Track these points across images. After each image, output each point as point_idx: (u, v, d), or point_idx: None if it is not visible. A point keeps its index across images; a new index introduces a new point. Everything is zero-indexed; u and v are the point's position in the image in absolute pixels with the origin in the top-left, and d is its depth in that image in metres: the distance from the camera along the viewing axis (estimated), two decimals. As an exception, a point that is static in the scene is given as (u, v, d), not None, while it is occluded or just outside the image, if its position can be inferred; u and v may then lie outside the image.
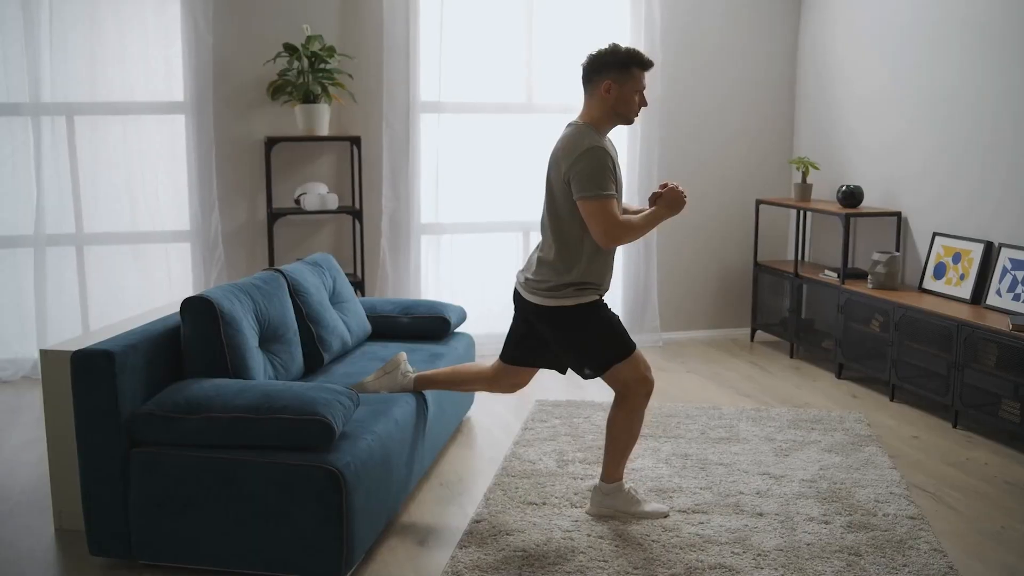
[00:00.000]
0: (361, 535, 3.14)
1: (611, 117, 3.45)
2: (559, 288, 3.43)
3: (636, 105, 3.45)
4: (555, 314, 3.45)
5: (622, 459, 3.61)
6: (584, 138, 3.37)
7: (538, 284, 3.47)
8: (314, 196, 5.71)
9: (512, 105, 6.27)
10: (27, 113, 5.48)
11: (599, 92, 3.42)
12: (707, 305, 6.80)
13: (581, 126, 3.43)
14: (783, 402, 5.18)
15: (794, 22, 6.61)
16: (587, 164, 3.31)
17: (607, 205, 3.31)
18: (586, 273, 3.43)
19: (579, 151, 3.33)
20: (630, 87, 3.41)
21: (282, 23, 5.77)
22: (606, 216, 3.31)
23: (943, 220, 5.37)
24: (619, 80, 3.40)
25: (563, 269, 3.43)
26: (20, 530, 3.56)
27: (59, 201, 5.65)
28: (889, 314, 5.17)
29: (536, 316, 3.52)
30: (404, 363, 3.92)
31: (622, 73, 3.40)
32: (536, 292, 3.48)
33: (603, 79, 3.41)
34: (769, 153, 6.73)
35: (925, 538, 3.44)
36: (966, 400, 4.66)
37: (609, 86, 3.40)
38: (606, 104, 3.42)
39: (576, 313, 3.43)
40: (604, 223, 3.31)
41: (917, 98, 5.53)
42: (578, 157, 3.32)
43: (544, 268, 3.47)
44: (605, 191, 3.30)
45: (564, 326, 3.47)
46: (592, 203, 3.30)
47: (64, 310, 5.73)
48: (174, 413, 3.12)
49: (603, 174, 3.31)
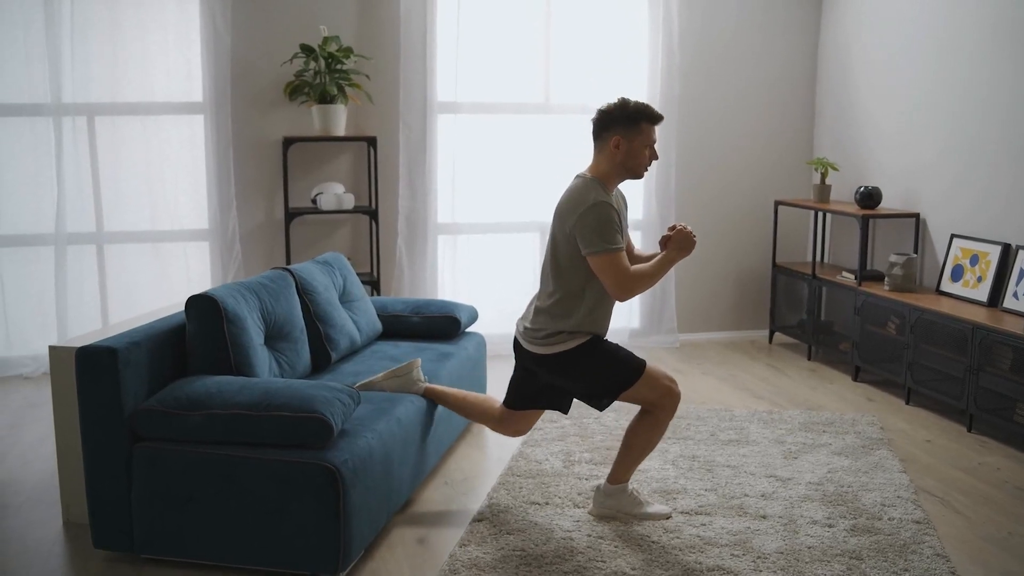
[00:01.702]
0: (359, 532, 3.17)
1: (620, 172, 3.45)
2: (554, 335, 3.45)
3: (646, 159, 3.45)
4: (554, 361, 3.47)
5: (634, 466, 3.61)
6: (590, 192, 3.37)
7: (535, 333, 3.49)
8: (330, 196, 5.75)
9: (529, 105, 6.27)
10: (49, 113, 5.58)
11: (608, 148, 3.42)
12: (725, 307, 6.76)
13: (588, 180, 3.44)
14: (797, 405, 5.14)
15: (815, 22, 6.56)
16: (593, 219, 3.31)
17: (616, 258, 3.31)
18: (584, 323, 3.44)
19: (584, 206, 3.33)
20: (640, 142, 3.41)
21: (299, 24, 5.82)
22: (617, 270, 3.31)
23: (961, 221, 5.31)
24: (628, 136, 3.39)
25: (560, 316, 3.44)
26: (30, 523, 3.62)
27: (80, 200, 5.74)
28: (905, 316, 5.12)
29: (536, 364, 3.54)
30: (417, 371, 3.92)
31: (631, 129, 3.39)
32: (534, 341, 3.50)
33: (612, 135, 3.40)
34: (788, 154, 6.68)
35: (929, 543, 3.40)
36: (981, 404, 4.60)
37: (618, 142, 3.39)
38: (615, 160, 3.41)
39: (574, 355, 3.45)
40: (615, 276, 3.32)
41: (937, 99, 5.47)
42: (584, 212, 3.33)
43: (541, 316, 3.49)
44: (613, 245, 3.31)
45: (566, 370, 3.48)
46: (601, 258, 3.31)
47: (84, 308, 5.82)
48: (176, 409, 3.16)
49: (609, 228, 3.31)
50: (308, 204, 5.90)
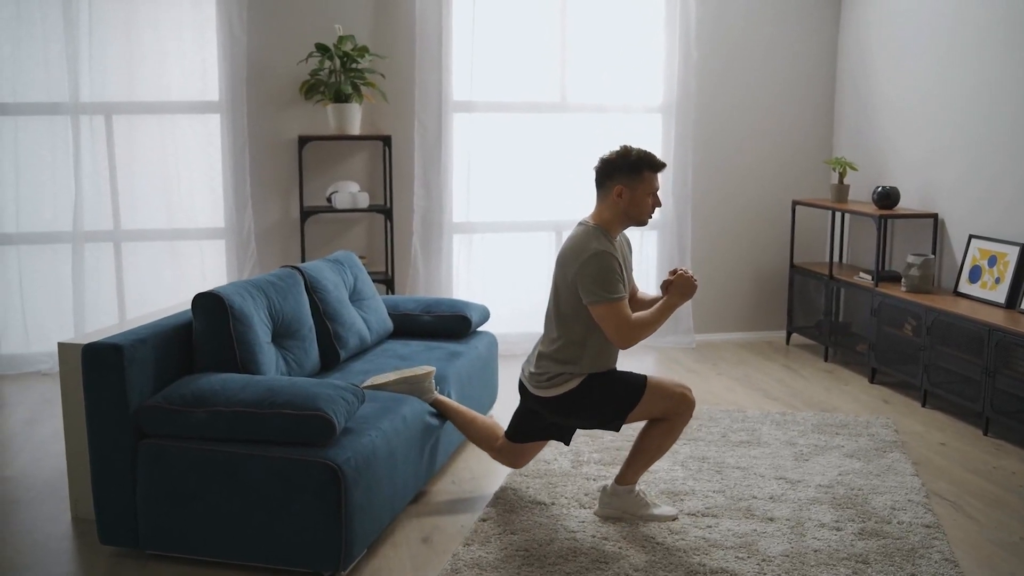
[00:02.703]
0: (362, 530, 3.17)
1: (623, 220, 3.44)
2: (557, 376, 3.46)
3: (649, 207, 3.44)
4: (559, 402, 3.49)
5: (643, 469, 3.60)
6: (592, 241, 3.36)
7: (539, 377, 3.50)
8: (345, 195, 5.76)
9: (545, 104, 6.25)
10: (67, 112, 5.63)
11: (611, 196, 3.41)
12: (742, 307, 6.71)
13: (591, 228, 3.43)
14: (811, 406, 5.09)
15: (834, 19, 6.50)
16: (594, 269, 3.31)
17: (617, 308, 3.31)
18: (588, 366, 3.45)
19: (586, 254, 3.33)
20: (642, 190, 3.40)
21: (315, 23, 5.83)
22: (618, 319, 3.31)
23: (980, 222, 5.24)
24: (631, 184, 3.39)
25: (564, 360, 3.45)
26: (40, 518, 3.66)
27: (97, 198, 5.79)
28: (921, 318, 5.06)
29: (542, 406, 3.55)
30: (430, 381, 3.89)
31: (633, 177, 3.39)
32: (539, 386, 3.51)
33: (615, 184, 3.40)
34: (807, 153, 6.62)
35: (938, 547, 3.35)
36: (997, 407, 4.54)
37: (621, 191, 3.39)
38: (618, 208, 3.41)
39: (578, 394, 3.45)
40: (617, 326, 3.32)
41: (957, 99, 5.40)
42: (585, 261, 3.33)
43: (545, 361, 3.49)
44: (614, 294, 3.31)
45: (571, 410, 3.50)
46: (602, 307, 3.31)
47: (101, 305, 5.87)
48: (180, 406, 3.18)
49: (610, 278, 3.31)
50: (323, 203, 5.92)
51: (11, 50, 5.56)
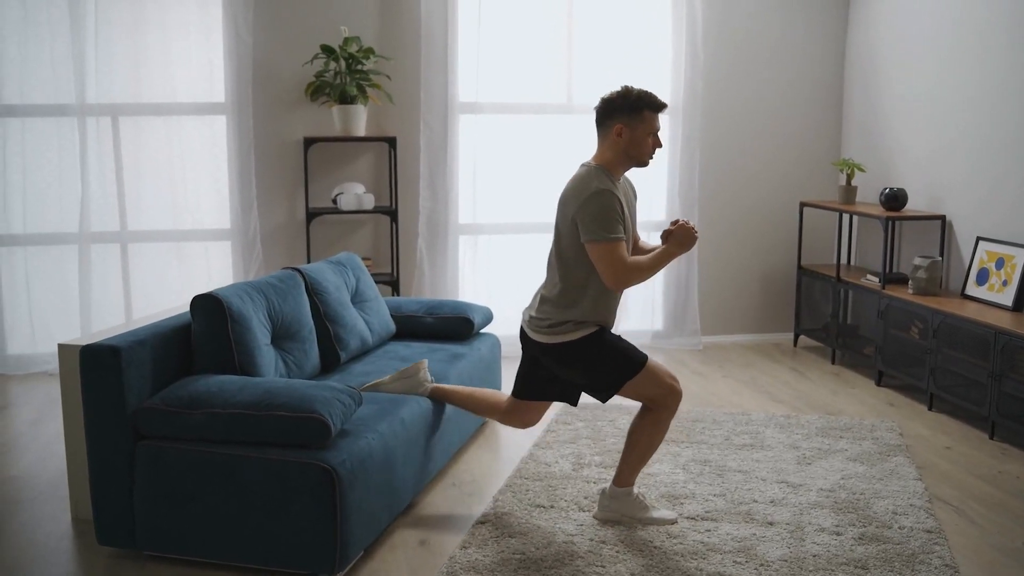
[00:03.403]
0: (358, 532, 3.16)
1: (624, 160, 3.42)
2: (560, 324, 3.43)
3: (649, 147, 3.42)
4: (559, 350, 3.45)
5: (638, 467, 3.58)
6: (593, 180, 3.34)
7: (540, 322, 3.48)
8: (350, 196, 5.77)
9: (551, 106, 6.24)
10: (73, 114, 5.66)
11: (611, 136, 3.40)
12: (750, 309, 6.68)
13: (592, 168, 3.41)
14: (816, 409, 5.06)
15: (843, 20, 6.46)
16: (595, 207, 3.29)
17: (614, 248, 3.28)
18: (589, 313, 3.42)
19: (587, 194, 3.31)
20: (642, 130, 3.38)
21: (321, 25, 5.84)
22: (614, 259, 3.29)
23: (988, 224, 5.19)
24: (630, 124, 3.37)
25: (565, 306, 3.42)
26: (40, 518, 3.67)
27: (104, 200, 5.82)
28: (928, 321, 5.02)
29: (542, 353, 3.52)
30: (424, 371, 3.92)
31: (633, 116, 3.37)
32: (539, 330, 3.48)
33: (615, 123, 3.38)
34: (815, 154, 6.59)
35: (938, 552, 3.32)
36: (1003, 411, 4.50)
37: (620, 130, 3.37)
38: (618, 147, 3.39)
39: (579, 346, 3.42)
40: (612, 266, 3.29)
41: (966, 100, 5.36)
42: (586, 200, 3.31)
43: (546, 306, 3.47)
44: (612, 234, 3.28)
45: (570, 360, 3.46)
46: (599, 246, 3.29)
47: (108, 306, 5.90)
48: (177, 408, 3.18)
49: (610, 217, 3.28)
50: (329, 204, 5.93)
51: (18, 52, 5.59)
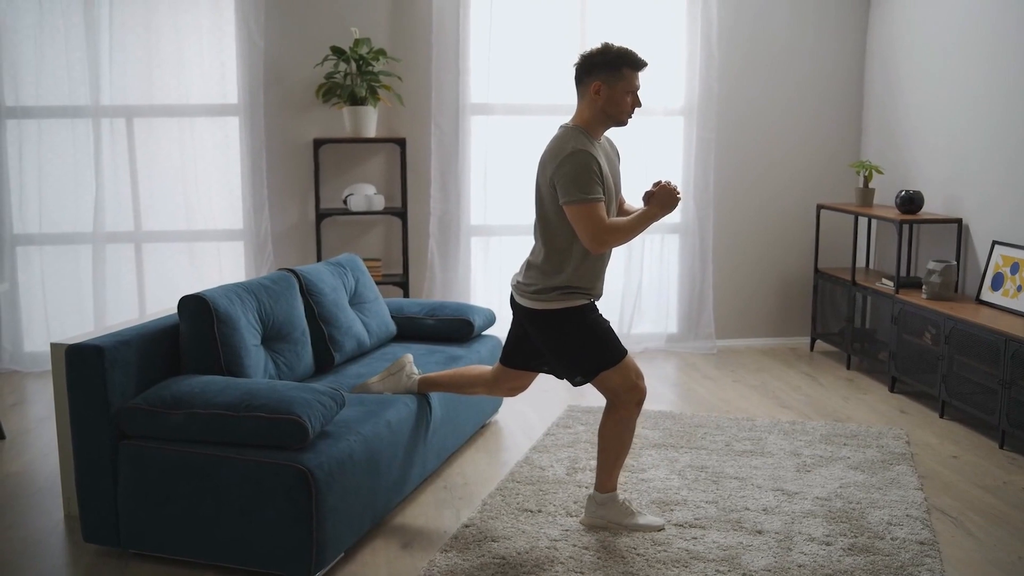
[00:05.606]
0: (336, 535, 3.16)
1: (602, 119, 3.36)
2: (546, 291, 3.37)
3: (628, 106, 3.35)
4: (543, 317, 3.41)
5: (614, 469, 3.53)
6: (570, 141, 3.29)
7: (527, 287, 3.43)
8: (361, 197, 5.78)
9: (564, 107, 6.17)
10: (88, 115, 5.73)
11: (589, 94, 3.34)
12: (765, 313, 6.59)
13: (570, 128, 3.36)
14: (824, 415, 4.97)
15: (862, 20, 6.35)
16: (571, 168, 3.23)
17: (592, 209, 3.23)
18: (574, 278, 3.36)
19: (563, 154, 3.26)
20: (621, 88, 3.32)
21: (332, 27, 5.86)
22: (592, 220, 3.23)
23: (1005, 228, 5.07)
24: (609, 81, 3.31)
25: (551, 272, 3.37)
26: (35, 514, 3.72)
27: (118, 200, 5.89)
28: (940, 326, 4.91)
29: (527, 319, 3.48)
30: (409, 365, 3.92)
31: (612, 74, 3.31)
32: (525, 295, 3.44)
33: (593, 80, 3.33)
34: (832, 156, 6.48)
35: (929, 565, 3.24)
36: (1014, 420, 4.38)
37: (599, 87, 3.31)
38: (596, 106, 3.33)
39: (563, 317, 3.38)
40: (590, 227, 3.23)
41: (984, 103, 5.23)
42: (562, 161, 3.25)
43: (532, 271, 3.43)
44: (590, 195, 3.22)
45: (551, 330, 3.41)
46: (577, 207, 3.23)
47: (122, 306, 5.96)
48: (159, 408, 3.20)
49: (587, 177, 3.22)
50: (339, 205, 5.95)
51: (34, 54, 5.67)
